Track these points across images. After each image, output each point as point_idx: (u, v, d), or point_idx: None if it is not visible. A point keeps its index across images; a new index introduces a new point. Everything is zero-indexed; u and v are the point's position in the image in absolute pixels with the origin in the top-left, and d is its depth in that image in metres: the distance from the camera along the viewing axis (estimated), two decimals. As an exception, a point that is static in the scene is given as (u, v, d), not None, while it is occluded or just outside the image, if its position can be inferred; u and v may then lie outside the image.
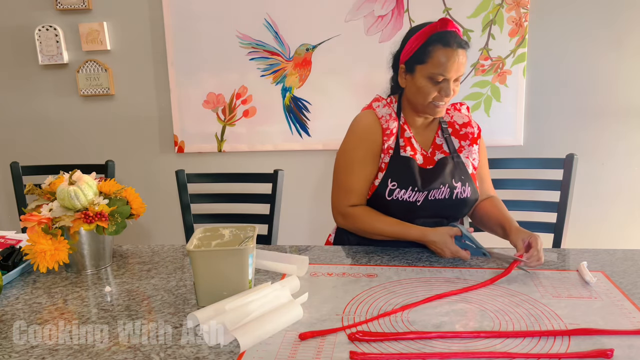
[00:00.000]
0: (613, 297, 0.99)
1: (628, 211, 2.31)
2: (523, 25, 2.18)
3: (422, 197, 1.29)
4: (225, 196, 1.88)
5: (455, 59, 1.22)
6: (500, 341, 0.83)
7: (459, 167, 1.33)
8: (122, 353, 0.82)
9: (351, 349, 0.81)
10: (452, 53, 1.21)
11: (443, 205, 1.31)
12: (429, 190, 1.29)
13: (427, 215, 1.31)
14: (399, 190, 1.28)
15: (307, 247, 1.35)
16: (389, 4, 2.23)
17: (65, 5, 2.34)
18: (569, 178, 1.65)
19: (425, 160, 1.33)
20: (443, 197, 1.30)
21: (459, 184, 1.31)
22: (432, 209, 1.30)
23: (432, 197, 1.30)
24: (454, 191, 1.30)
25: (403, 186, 1.28)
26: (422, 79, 1.25)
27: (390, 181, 1.29)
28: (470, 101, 2.26)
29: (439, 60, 1.22)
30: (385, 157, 1.31)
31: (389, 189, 1.28)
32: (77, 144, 2.52)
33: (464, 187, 1.31)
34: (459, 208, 1.33)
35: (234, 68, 2.36)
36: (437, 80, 1.23)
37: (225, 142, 2.44)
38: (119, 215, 1.19)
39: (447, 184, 1.30)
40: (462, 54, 1.23)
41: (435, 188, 1.29)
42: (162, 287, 1.09)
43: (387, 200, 1.29)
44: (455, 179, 1.31)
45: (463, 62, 1.24)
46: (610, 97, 2.22)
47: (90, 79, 2.42)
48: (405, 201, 1.28)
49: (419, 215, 1.31)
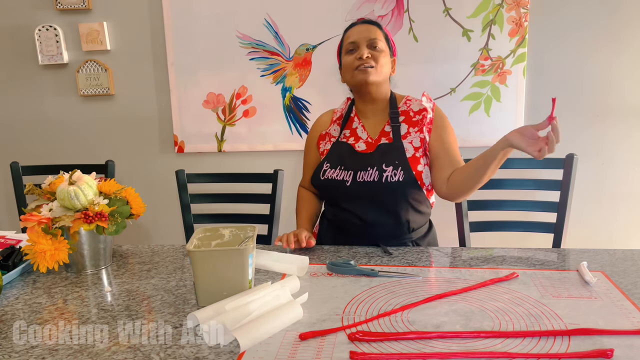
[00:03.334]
0: (613, 297, 0.99)
1: (628, 211, 2.32)
2: (523, 25, 2.18)
3: (350, 177, 1.36)
4: (225, 196, 1.88)
5: (361, 28, 1.38)
6: (500, 341, 0.83)
7: (396, 153, 1.36)
8: (122, 353, 0.82)
9: (351, 349, 0.81)
10: (358, 26, 1.40)
11: (373, 188, 1.34)
12: (355, 171, 1.36)
13: (357, 196, 1.36)
14: (330, 170, 1.40)
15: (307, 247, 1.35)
16: (389, 4, 2.23)
17: (65, 5, 2.34)
18: (569, 178, 1.65)
19: (367, 146, 1.40)
20: (372, 179, 1.34)
21: (389, 167, 1.34)
22: (362, 190, 1.35)
23: (361, 179, 1.35)
24: (382, 174, 1.33)
25: (333, 166, 1.40)
26: (343, 58, 1.41)
27: (325, 163, 1.42)
28: (470, 101, 2.26)
29: (347, 36, 1.41)
30: (327, 144, 1.46)
31: (323, 170, 1.41)
32: (77, 144, 2.53)
33: (395, 171, 1.33)
34: (389, 192, 1.35)
35: (234, 68, 2.36)
36: (350, 49, 1.38)
37: (225, 142, 2.44)
38: (119, 215, 1.19)
39: (376, 166, 1.34)
40: (367, 26, 1.39)
41: (363, 170, 1.35)
42: (162, 287, 1.09)
43: (322, 180, 1.41)
44: (387, 163, 1.34)
45: (370, 30, 1.38)
46: (610, 97, 2.22)
47: (90, 79, 2.42)
48: (334, 180, 1.38)
49: (350, 196, 1.37)
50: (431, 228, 1.51)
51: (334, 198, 1.43)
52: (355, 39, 1.37)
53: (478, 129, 2.27)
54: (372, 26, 1.39)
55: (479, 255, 1.26)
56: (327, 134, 1.49)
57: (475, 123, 2.27)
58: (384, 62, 1.37)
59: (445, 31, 2.22)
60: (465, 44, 2.22)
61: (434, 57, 2.25)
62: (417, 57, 2.25)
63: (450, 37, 2.22)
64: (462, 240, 1.73)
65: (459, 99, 2.27)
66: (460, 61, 2.24)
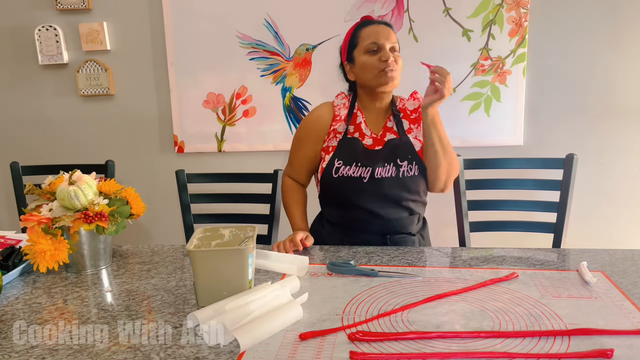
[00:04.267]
0: (613, 297, 0.99)
1: (628, 211, 2.32)
2: (523, 25, 2.18)
3: (368, 174, 1.36)
4: (225, 196, 1.88)
5: (380, 29, 1.38)
6: (500, 341, 0.83)
7: (406, 147, 1.39)
8: (122, 353, 0.82)
9: (351, 349, 0.81)
10: (375, 26, 1.39)
11: (390, 184, 1.37)
12: (373, 167, 1.36)
13: (375, 193, 1.37)
14: (344, 167, 1.38)
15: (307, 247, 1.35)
16: (389, 4, 2.23)
17: (65, 5, 2.34)
18: (569, 178, 1.65)
19: (374, 142, 1.41)
20: (389, 175, 1.36)
21: (404, 162, 1.37)
22: (380, 187, 1.37)
23: (379, 176, 1.36)
24: (399, 169, 1.37)
25: (348, 163, 1.38)
26: (362, 57, 1.38)
27: (336, 160, 1.39)
28: (470, 101, 2.26)
29: (367, 35, 1.38)
30: (333, 140, 1.43)
31: (335, 167, 1.39)
32: (77, 144, 2.52)
33: (410, 166, 1.38)
34: (406, 186, 1.38)
35: (234, 68, 2.36)
36: (373, 50, 1.36)
37: (225, 142, 2.44)
38: (119, 215, 1.19)
39: (393, 162, 1.37)
40: (386, 28, 1.39)
41: (381, 166, 1.37)
42: (162, 287, 1.09)
43: (335, 178, 1.39)
44: (401, 158, 1.38)
45: (390, 33, 1.38)
46: (610, 97, 2.22)
47: (90, 79, 2.42)
48: (350, 177, 1.37)
49: (367, 193, 1.38)
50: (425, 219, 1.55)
51: (348, 196, 1.39)
52: (379, 40, 1.36)
53: (478, 129, 2.27)
54: (391, 29, 1.40)
55: (479, 255, 1.26)
56: (333, 130, 1.43)
57: (475, 123, 2.27)
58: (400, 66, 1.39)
59: (445, 31, 2.22)
60: (465, 44, 2.22)
61: (434, 57, 2.24)
62: (417, 57, 2.25)
63: (450, 37, 2.22)
64: (462, 240, 1.73)
65: (459, 99, 2.27)
66: (460, 61, 2.24)
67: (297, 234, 1.33)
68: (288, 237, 1.33)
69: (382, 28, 1.38)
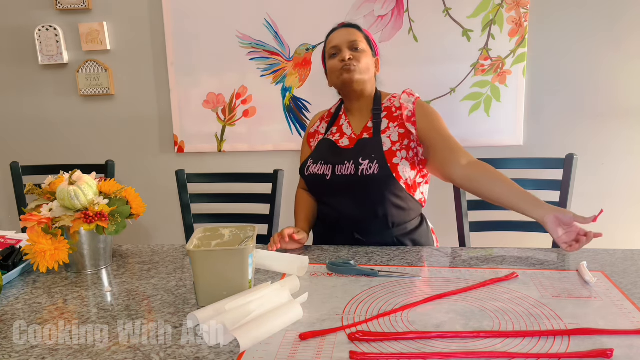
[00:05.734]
0: (613, 297, 0.99)
1: (628, 211, 2.32)
2: (523, 25, 2.18)
3: (330, 171, 1.40)
4: (225, 196, 1.88)
5: (340, 33, 1.44)
6: (500, 341, 0.83)
7: (373, 146, 1.39)
8: (122, 353, 0.82)
9: (351, 348, 0.81)
10: (337, 31, 1.46)
11: (350, 181, 1.38)
12: (334, 164, 1.40)
13: (337, 189, 1.40)
14: (313, 165, 1.45)
15: (307, 247, 1.35)
16: (389, 4, 2.23)
17: (65, 5, 2.34)
18: (569, 178, 1.65)
19: (350, 142, 1.44)
20: (349, 172, 1.37)
21: (365, 161, 1.37)
22: (341, 183, 1.39)
23: (339, 173, 1.39)
24: (359, 167, 1.37)
25: (316, 161, 1.45)
26: (328, 63, 1.46)
27: (310, 159, 1.48)
28: (470, 101, 2.26)
29: (329, 42, 1.46)
30: (315, 142, 1.53)
31: (307, 165, 1.47)
32: (77, 144, 2.53)
33: (370, 165, 1.36)
34: (365, 185, 1.37)
35: (234, 68, 2.36)
36: (333, 53, 1.44)
37: (225, 142, 2.44)
38: (119, 215, 1.19)
39: (353, 160, 1.38)
40: (347, 30, 1.45)
41: (340, 164, 1.39)
42: (162, 287, 1.09)
43: (306, 176, 1.47)
44: (363, 156, 1.37)
45: (350, 33, 1.43)
46: (610, 97, 2.22)
47: (90, 79, 2.42)
48: (315, 174, 1.43)
49: (330, 189, 1.42)
50: (422, 224, 1.48)
51: (317, 193, 1.48)
52: (337, 43, 1.43)
53: (478, 129, 2.27)
54: (352, 29, 1.45)
55: (479, 255, 1.26)
56: (316, 132, 1.55)
57: (475, 123, 2.27)
58: (366, 62, 1.42)
59: (445, 31, 2.22)
60: (465, 44, 2.22)
61: (434, 57, 2.25)
62: (417, 57, 2.26)
63: (450, 37, 2.22)
64: (462, 240, 1.73)
65: (458, 99, 2.27)
66: (460, 61, 2.24)
67: (288, 228, 1.34)
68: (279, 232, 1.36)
69: (342, 31, 1.44)
